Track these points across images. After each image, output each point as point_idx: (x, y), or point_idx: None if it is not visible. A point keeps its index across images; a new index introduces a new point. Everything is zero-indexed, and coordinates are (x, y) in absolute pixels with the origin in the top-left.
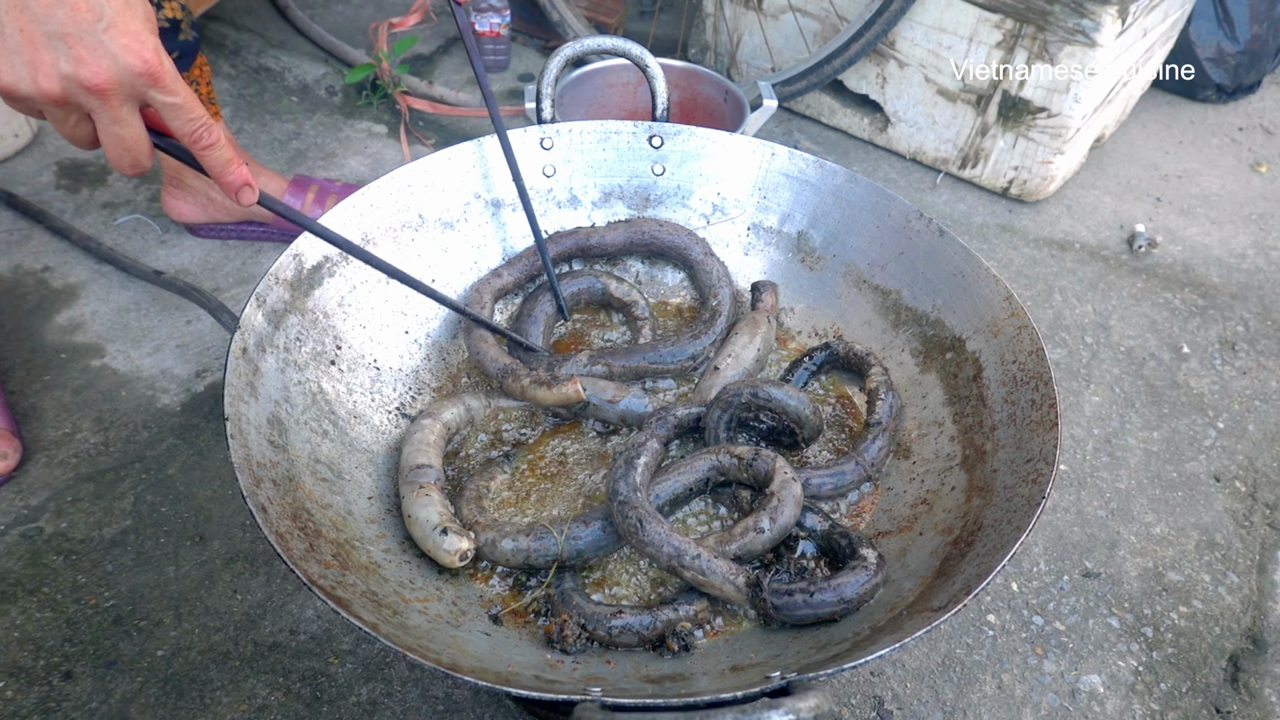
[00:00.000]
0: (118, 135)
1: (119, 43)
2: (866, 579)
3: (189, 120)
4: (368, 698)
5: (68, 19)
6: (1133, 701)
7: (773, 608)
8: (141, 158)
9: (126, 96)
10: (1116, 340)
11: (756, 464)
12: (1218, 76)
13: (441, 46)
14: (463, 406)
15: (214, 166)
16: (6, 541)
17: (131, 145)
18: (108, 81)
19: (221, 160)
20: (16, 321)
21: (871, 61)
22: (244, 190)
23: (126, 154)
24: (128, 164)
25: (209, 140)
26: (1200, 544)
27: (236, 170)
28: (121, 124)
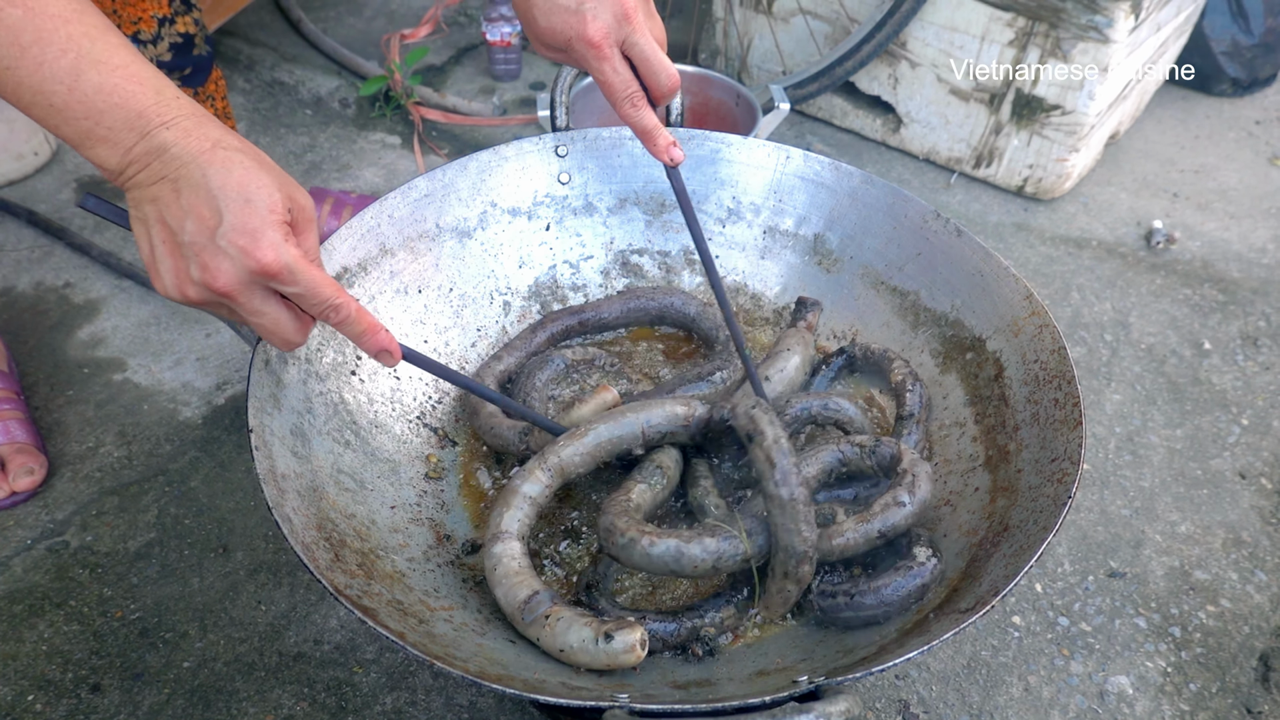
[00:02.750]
0: (259, 325)
1: (236, 245)
2: (906, 581)
3: (314, 305)
4: (392, 706)
5: (195, 229)
6: (1162, 702)
7: (819, 609)
8: (290, 336)
9: (254, 291)
10: (1136, 337)
11: (880, 449)
12: (1233, 70)
13: (453, 57)
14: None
15: (352, 338)
16: (33, 555)
17: (273, 330)
18: (227, 285)
19: (356, 332)
20: (39, 338)
21: (883, 63)
22: (382, 355)
23: (273, 337)
24: (279, 344)
25: (338, 319)
26: (1227, 542)
27: (372, 339)
28: (257, 315)
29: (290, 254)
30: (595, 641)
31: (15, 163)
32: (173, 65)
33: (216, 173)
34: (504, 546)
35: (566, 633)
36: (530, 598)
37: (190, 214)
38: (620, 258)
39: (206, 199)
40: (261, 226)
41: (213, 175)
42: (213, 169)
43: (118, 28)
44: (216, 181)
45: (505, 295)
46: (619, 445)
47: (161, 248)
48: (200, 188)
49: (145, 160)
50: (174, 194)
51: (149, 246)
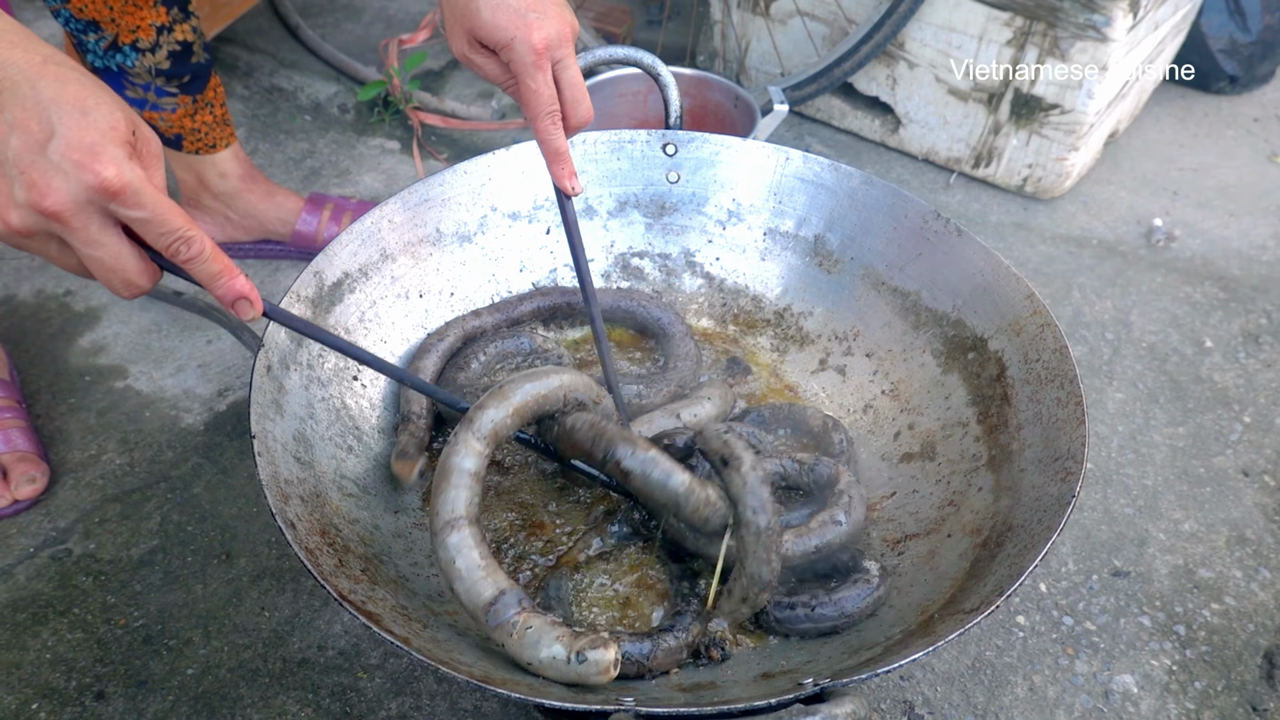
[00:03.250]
0: (94, 258)
1: (70, 159)
2: (867, 592)
3: (161, 235)
4: (397, 712)
5: (20, 144)
6: (1167, 701)
7: (775, 620)
8: (131, 277)
9: (91, 215)
10: (1138, 336)
11: (819, 468)
12: (1230, 68)
13: (452, 61)
14: (466, 479)
15: (202, 280)
16: (36, 563)
17: (114, 266)
18: (59, 203)
19: (207, 274)
20: (40, 346)
21: (881, 63)
22: (240, 304)
23: (113, 275)
24: (119, 284)
25: (188, 254)
26: (1231, 540)
27: (228, 283)
28: (93, 246)
29: (135, 173)
30: (567, 660)
31: None
32: (171, 73)
33: (49, 85)
34: (460, 536)
35: (536, 646)
36: (496, 599)
37: (15, 128)
38: (621, 260)
39: (36, 112)
40: (101, 141)
41: (44, 88)
42: (44, 81)
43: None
44: (48, 94)
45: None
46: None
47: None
48: (28, 100)
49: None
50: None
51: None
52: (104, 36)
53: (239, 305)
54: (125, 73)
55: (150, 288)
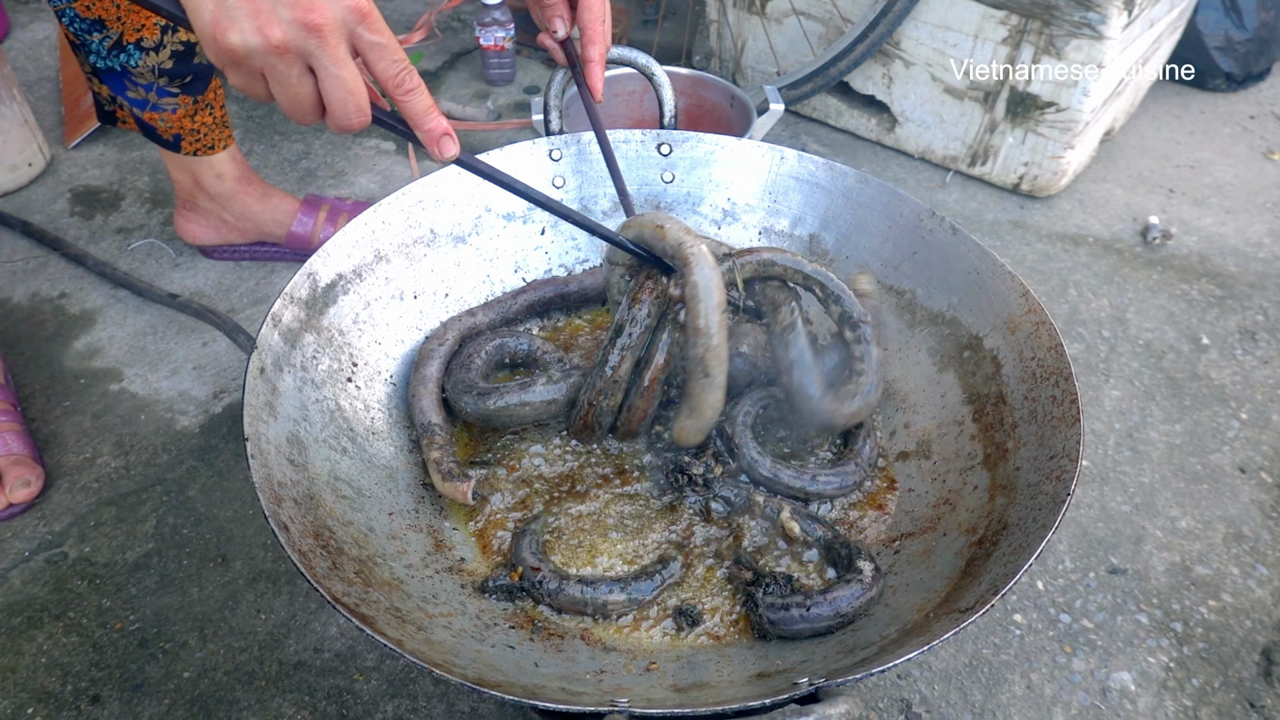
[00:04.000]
0: (340, 79)
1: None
2: (861, 591)
3: (393, 62)
4: (393, 714)
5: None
6: (1165, 698)
7: (769, 622)
8: (364, 104)
9: (343, 35)
10: (1134, 333)
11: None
12: (1227, 65)
13: (447, 62)
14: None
15: (415, 113)
16: (32, 567)
17: (354, 89)
18: (326, 18)
19: (422, 107)
20: (35, 349)
21: (877, 62)
22: (444, 140)
23: (350, 99)
24: (353, 109)
25: (411, 84)
26: (1228, 537)
27: (436, 118)
28: (342, 65)
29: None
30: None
31: (9, 174)
32: (174, 73)
33: None
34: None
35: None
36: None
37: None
38: None
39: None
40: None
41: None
42: None
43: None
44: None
45: None
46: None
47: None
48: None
49: None
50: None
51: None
52: (109, 35)
53: (444, 141)
54: (128, 72)
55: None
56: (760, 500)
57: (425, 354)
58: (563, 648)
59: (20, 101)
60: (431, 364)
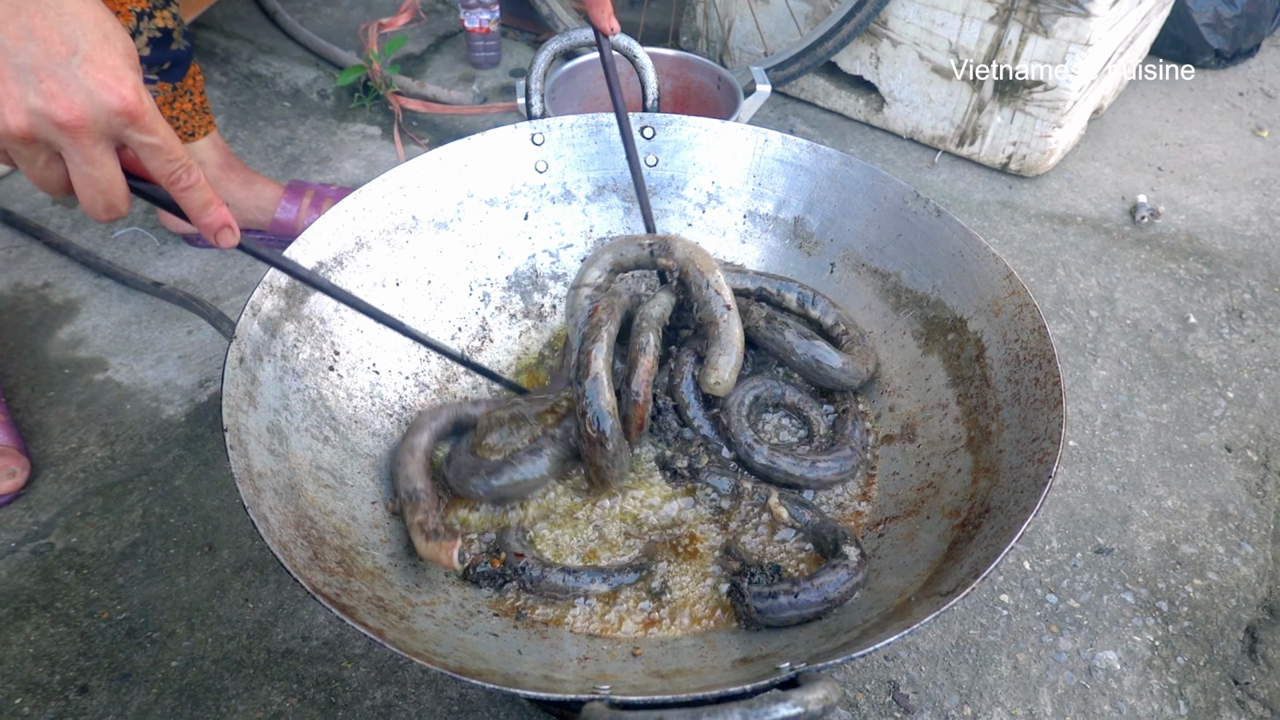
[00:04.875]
0: (90, 177)
1: (95, 78)
2: (847, 577)
3: (168, 161)
4: (382, 701)
5: (39, 52)
6: (1150, 676)
7: (757, 611)
8: (117, 201)
9: (101, 135)
10: (1122, 313)
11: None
12: (1216, 42)
13: (432, 45)
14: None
15: (192, 208)
16: (18, 558)
17: (106, 188)
18: (80, 118)
19: (200, 202)
20: (19, 339)
21: (864, 42)
22: (223, 232)
23: (100, 197)
24: (101, 208)
25: (188, 182)
26: (1213, 515)
27: (216, 211)
28: (95, 165)
29: (150, 100)
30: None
31: None
32: (151, 60)
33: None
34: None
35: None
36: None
37: (34, 36)
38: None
39: (58, 24)
40: (123, 65)
41: (67, 2)
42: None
43: None
44: (71, 8)
45: (485, 286)
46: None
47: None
48: (50, 10)
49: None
50: (11, 10)
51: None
52: None
53: (222, 234)
54: None
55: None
56: (749, 486)
57: (417, 424)
58: (547, 634)
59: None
60: (422, 434)
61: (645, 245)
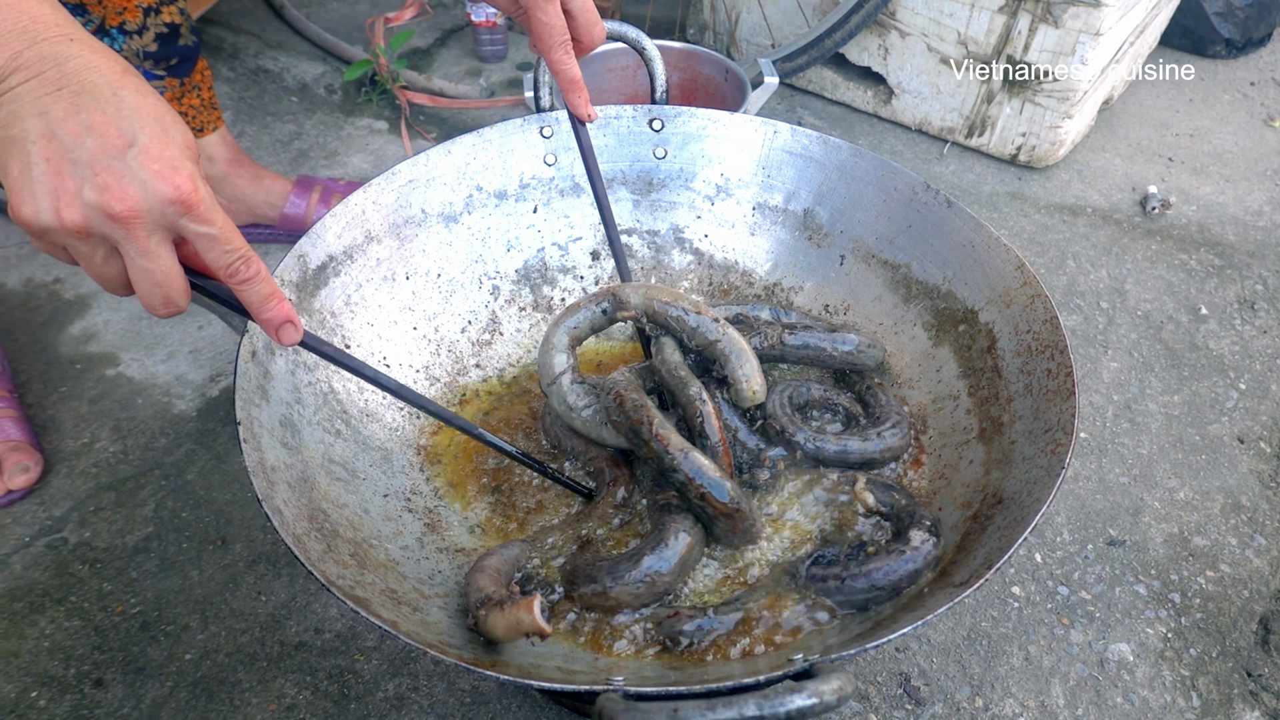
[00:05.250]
0: (147, 270)
1: (150, 169)
2: (898, 565)
3: (225, 252)
4: (394, 693)
5: (96, 147)
6: (1162, 668)
7: (813, 593)
8: (175, 295)
9: (156, 227)
10: (1133, 304)
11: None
12: (1227, 31)
13: (439, 39)
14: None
15: (252, 302)
16: (32, 552)
17: (163, 281)
18: (133, 209)
19: (260, 295)
20: (30, 335)
21: (873, 33)
22: (285, 328)
23: (157, 291)
24: (159, 302)
25: (247, 274)
26: (1226, 507)
27: (278, 306)
28: (150, 257)
29: (208, 190)
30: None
31: None
32: (159, 55)
33: (130, 95)
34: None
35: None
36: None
37: (93, 131)
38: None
39: (116, 118)
40: (180, 156)
41: (126, 97)
42: (125, 90)
43: (103, 18)
44: (130, 103)
45: (494, 279)
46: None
47: (42, 165)
48: (109, 106)
49: (37, 68)
50: (72, 108)
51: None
52: (91, 20)
53: (285, 330)
54: None
55: (184, 309)
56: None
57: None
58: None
59: None
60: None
61: (595, 305)
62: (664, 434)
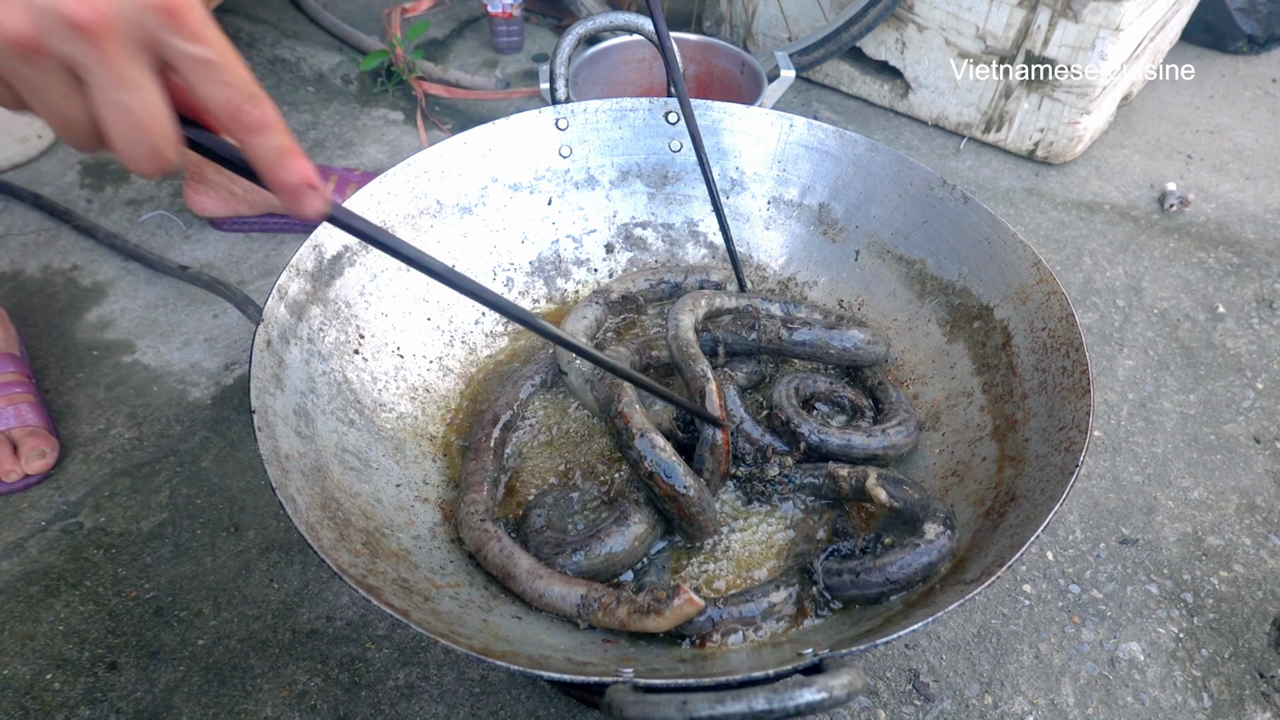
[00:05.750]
0: (123, 106)
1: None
2: (914, 559)
3: (224, 84)
4: (405, 681)
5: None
6: (1174, 668)
7: (826, 588)
8: (162, 143)
9: (133, 42)
10: (1149, 302)
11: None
12: (1248, 27)
13: (455, 30)
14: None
15: (264, 157)
16: (48, 537)
17: (146, 122)
18: (100, 14)
19: (274, 149)
20: (48, 321)
21: (890, 26)
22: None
23: (139, 136)
24: (144, 153)
25: (255, 119)
26: (1240, 507)
27: (295, 163)
28: (128, 88)
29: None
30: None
31: (19, 146)
32: None
33: None
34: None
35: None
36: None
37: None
38: (624, 231)
39: None
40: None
41: None
42: None
43: None
44: None
45: (508, 271)
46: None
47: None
48: None
49: None
50: None
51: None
52: None
53: (305, 196)
54: None
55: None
56: (844, 474)
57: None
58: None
59: None
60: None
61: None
62: (628, 412)
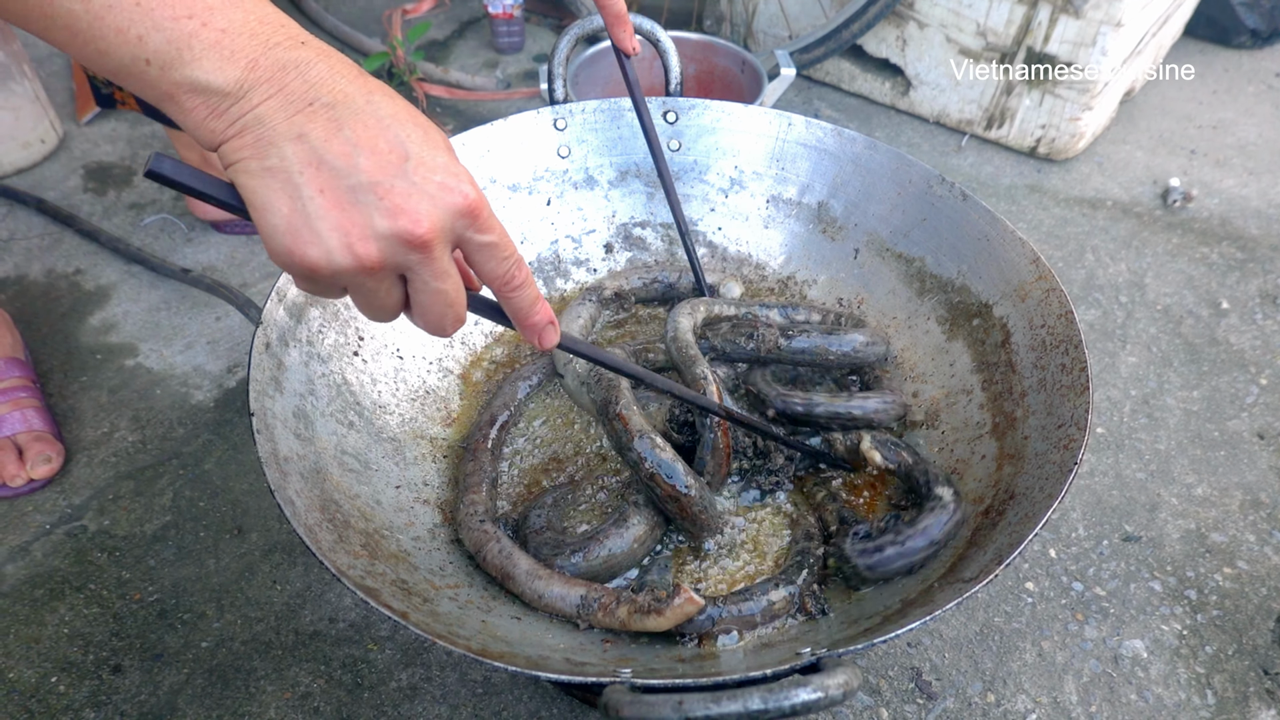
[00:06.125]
0: (440, 292)
1: (433, 181)
2: (948, 517)
3: (503, 260)
4: (407, 682)
5: (372, 166)
6: (1177, 666)
7: (866, 569)
8: (462, 311)
9: (449, 242)
10: (1152, 298)
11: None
12: (1252, 21)
13: (456, 31)
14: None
15: (521, 308)
16: (52, 540)
17: (455, 299)
18: (431, 229)
19: (529, 300)
20: (52, 325)
21: (890, 24)
22: (548, 330)
23: (449, 311)
24: (450, 322)
25: (520, 279)
26: (1244, 504)
27: (542, 308)
28: (444, 278)
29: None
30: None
31: (22, 151)
32: None
33: (382, 100)
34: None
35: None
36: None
37: (361, 149)
38: (623, 231)
39: (381, 130)
40: (454, 160)
41: (380, 103)
42: (377, 95)
43: None
44: (386, 109)
45: None
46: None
47: (317, 200)
48: (369, 116)
49: (279, 79)
50: (332, 125)
51: (289, 203)
52: None
53: (547, 332)
54: None
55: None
56: (839, 437)
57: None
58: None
59: (31, 78)
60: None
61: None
62: (626, 414)
